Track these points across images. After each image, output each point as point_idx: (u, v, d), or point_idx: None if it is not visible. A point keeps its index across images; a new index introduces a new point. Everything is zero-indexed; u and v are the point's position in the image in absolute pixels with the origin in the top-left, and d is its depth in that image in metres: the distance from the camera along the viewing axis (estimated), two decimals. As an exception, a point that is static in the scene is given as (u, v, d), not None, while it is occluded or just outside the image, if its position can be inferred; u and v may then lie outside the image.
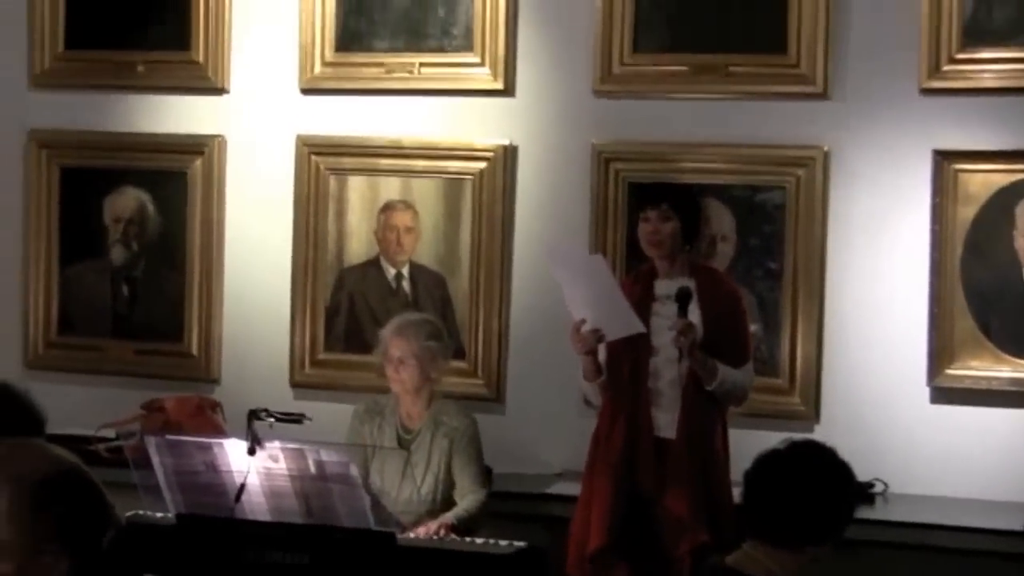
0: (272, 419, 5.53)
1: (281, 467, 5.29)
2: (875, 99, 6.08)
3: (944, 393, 6.02)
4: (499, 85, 6.48)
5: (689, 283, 5.45)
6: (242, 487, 5.28)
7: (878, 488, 5.98)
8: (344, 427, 5.93)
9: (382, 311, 6.53)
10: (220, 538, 5.33)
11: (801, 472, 3.80)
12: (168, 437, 5.51)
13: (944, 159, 5.98)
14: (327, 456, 5.25)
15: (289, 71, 6.77)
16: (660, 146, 6.30)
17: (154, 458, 5.38)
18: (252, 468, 5.29)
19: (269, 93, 6.82)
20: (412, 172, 6.61)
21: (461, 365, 6.47)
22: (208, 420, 6.44)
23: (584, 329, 5.46)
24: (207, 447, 5.38)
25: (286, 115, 6.78)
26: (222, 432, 6.18)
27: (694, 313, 5.40)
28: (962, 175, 5.98)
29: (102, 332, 7.01)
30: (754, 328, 5.86)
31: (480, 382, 6.51)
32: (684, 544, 5.31)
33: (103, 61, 6.99)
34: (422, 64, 6.59)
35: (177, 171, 6.91)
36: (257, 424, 5.44)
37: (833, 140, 6.12)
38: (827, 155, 6.12)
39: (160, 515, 5.46)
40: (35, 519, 3.03)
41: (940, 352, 6.00)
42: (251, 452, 5.29)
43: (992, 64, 5.94)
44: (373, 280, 6.67)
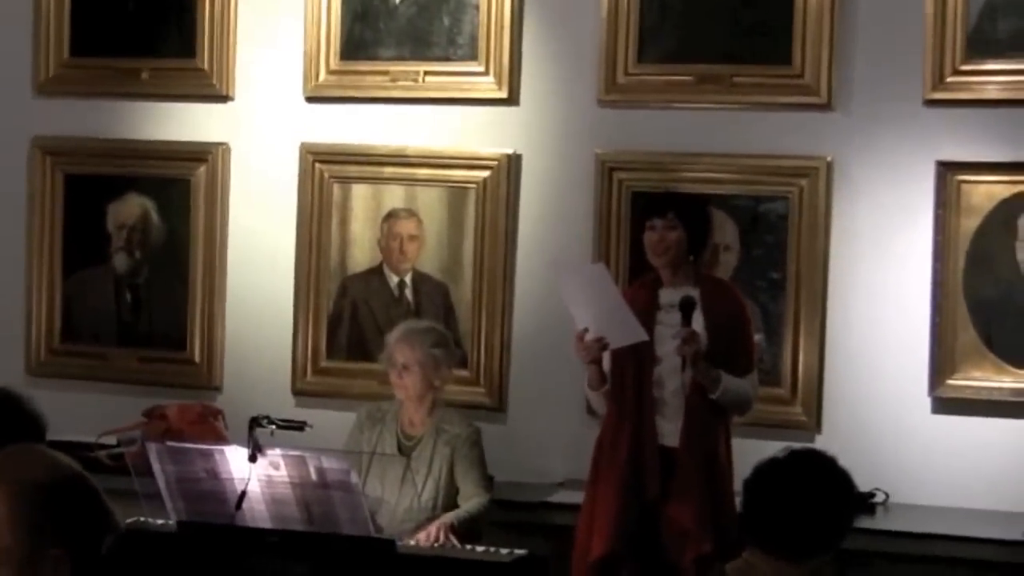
0: (273, 426, 5.54)
1: (282, 474, 5.29)
2: (879, 110, 6.08)
3: (946, 403, 6.02)
4: (503, 94, 6.48)
5: (694, 292, 5.45)
6: (243, 494, 5.28)
7: (879, 498, 5.97)
8: (346, 435, 5.93)
9: (385, 319, 6.53)
10: (221, 545, 5.34)
11: (801, 481, 3.79)
12: (169, 444, 5.51)
13: (947, 170, 5.98)
14: (328, 463, 5.26)
15: (294, 79, 6.77)
16: (664, 156, 6.30)
17: (155, 465, 5.38)
18: (253, 475, 5.30)
19: (274, 101, 6.82)
20: (416, 180, 6.61)
21: (463, 374, 6.46)
22: (210, 427, 6.44)
23: (588, 338, 5.46)
24: (208, 454, 5.39)
25: (290, 123, 6.78)
26: (224, 439, 6.19)
27: (698, 322, 5.40)
28: (965, 186, 5.98)
29: (105, 339, 7.01)
30: (757, 338, 5.86)
31: (482, 391, 6.51)
32: (688, 553, 5.30)
33: (108, 68, 7.00)
34: (426, 73, 6.59)
35: (181, 178, 6.91)
36: (258, 431, 5.45)
37: (837, 151, 6.12)
38: (830, 166, 6.12)
39: (161, 522, 5.47)
40: (36, 525, 3.02)
41: (942, 362, 6.00)
42: (252, 459, 5.30)
43: (996, 76, 5.94)
44: (376, 288, 6.68)
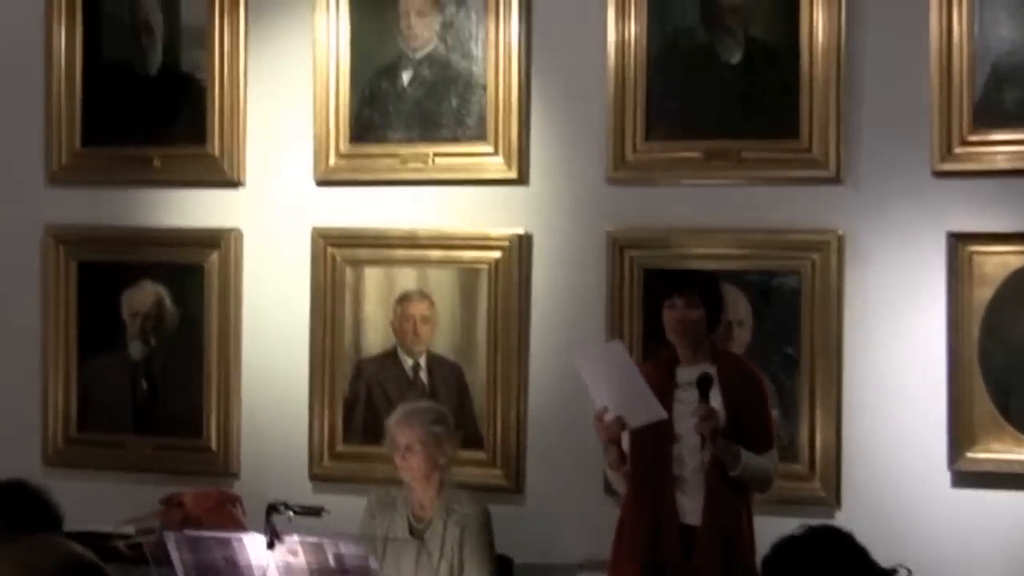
0: (291, 512, 5.53)
1: (300, 561, 5.27)
2: (888, 182, 6.08)
3: (965, 477, 5.98)
4: (513, 174, 6.50)
5: (710, 369, 5.46)
6: (262, 582, 5.27)
7: (902, 574, 5.92)
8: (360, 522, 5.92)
9: (400, 401, 6.50)
10: (240, 634, 5.31)
11: (819, 558, 3.77)
12: (187, 532, 5.50)
13: (959, 241, 5.97)
14: (346, 548, 5.24)
15: (304, 163, 6.80)
16: (674, 232, 6.31)
17: (173, 554, 5.37)
18: (272, 563, 5.27)
19: (285, 186, 6.85)
20: (428, 262, 6.63)
21: (479, 455, 6.47)
22: (227, 514, 6.42)
23: (607, 417, 5.47)
24: (226, 542, 5.37)
25: (302, 207, 6.81)
26: (241, 526, 6.16)
27: (716, 399, 5.41)
28: (977, 257, 5.97)
29: (121, 428, 7.02)
30: (774, 413, 5.85)
31: (499, 472, 6.49)
32: (710, 630, 5.29)
33: (119, 156, 7.04)
34: (436, 154, 6.62)
35: (194, 265, 6.93)
36: (276, 518, 5.43)
37: (847, 224, 6.12)
38: (841, 239, 6.12)
39: (180, 611, 5.44)
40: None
41: (960, 435, 5.96)
42: (270, 546, 5.28)
43: (1004, 146, 5.93)
44: (391, 370, 6.67)
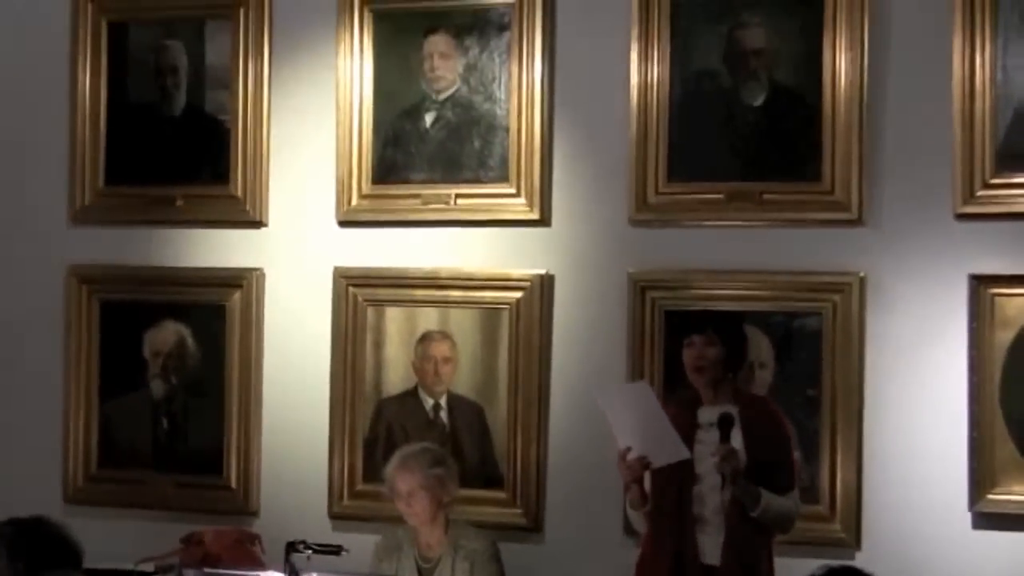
0: (310, 551, 5.54)
1: (319, 599, 5.29)
2: (910, 225, 6.09)
3: (986, 519, 5.97)
4: (535, 215, 6.53)
5: (732, 410, 5.47)
6: (281, 620, 5.27)
7: (922, 615, 5.92)
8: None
9: (420, 442, 6.51)
10: (260, 671, 5.32)
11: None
12: (207, 571, 5.52)
13: (980, 284, 5.98)
14: (365, 587, 5.26)
15: (327, 204, 6.83)
16: (696, 274, 6.32)
17: (193, 592, 5.38)
18: (291, 600, 5.29)
19: (307, 226, 6.88)
20: (449, 302, 6.64)
21: (500, 495, 6.48)
22: (247, 553, 6.41)
23: (630, 457, 5.49)
24: (246, 580, 5.39)
25: (324, 247, 6.83)
26: (261, 565, 6.17)
27: (737, 439, 5.43)
28: (999, 299, 5.97)
29: (142, 465, 7.03)
30: (795, 455, 5.84)
31: (519, 511, 6.48)
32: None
33: (142, 196, 7.08)
34: (458, 195, 6.64)
35: (216, 304, 6.95)
36: (295, 556, 5.44)
37: (869, 266, 6.13)
38: (863, 281, 6.12)
39: (200, 648, 5.45)
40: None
41: (981, 477, 5.96)
42: (290, 584, 5.29)
43: (1025, 189, 5.98)
44: (411, 410, 6.68)
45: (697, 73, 6.35)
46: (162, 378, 7.04)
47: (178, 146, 7.06)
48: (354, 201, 6.79)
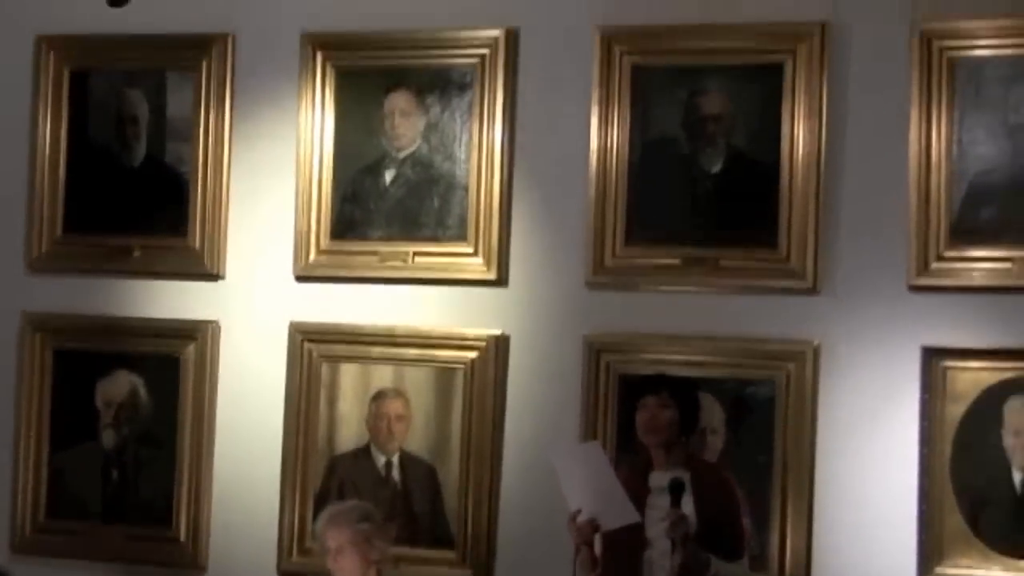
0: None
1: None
2: (864, 295, 6.11)
3: (935, 591, 6.00)
4: (492, 275, 6.53)
5: (684, 475, 5.48)
6: None
7: None
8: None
9: (372, 499, 6.49)
10: None
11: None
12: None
13: (933, 356, 6.00)
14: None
15: (284, 258, 6.82)
16: (651, 338, 6.33)
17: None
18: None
19: (264, 280, 6.87)
20: (404, 360, 6.63)
21: (450, 555, 6.46)
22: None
23: (580, 519, 5.49)
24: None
25: (280, 302, 6.82)
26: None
27: (688, 505, 5.44)
28: (951, 372, 5.99)
29: (91, 516, 6.99)
30: (745, 522, 5.84)
31: (469, 572, 6.47)
32: None
33: (100, 246, 7.05)
34: (416, 253, 6.65)
35: (171, 356, 6.93)
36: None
37: (823, 335, 6.15)
38: (817, 350, 6.14)
39: None
40: None
41: (930, 549, 5.96)
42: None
43: (980, 262, 5.98)
44: (363, 468, 6.66)
45: (656, 138, 6.38)
46: (114, 428, 7.00)
47: (137, 196, 7.05)
48: (312, 256, 6.79)
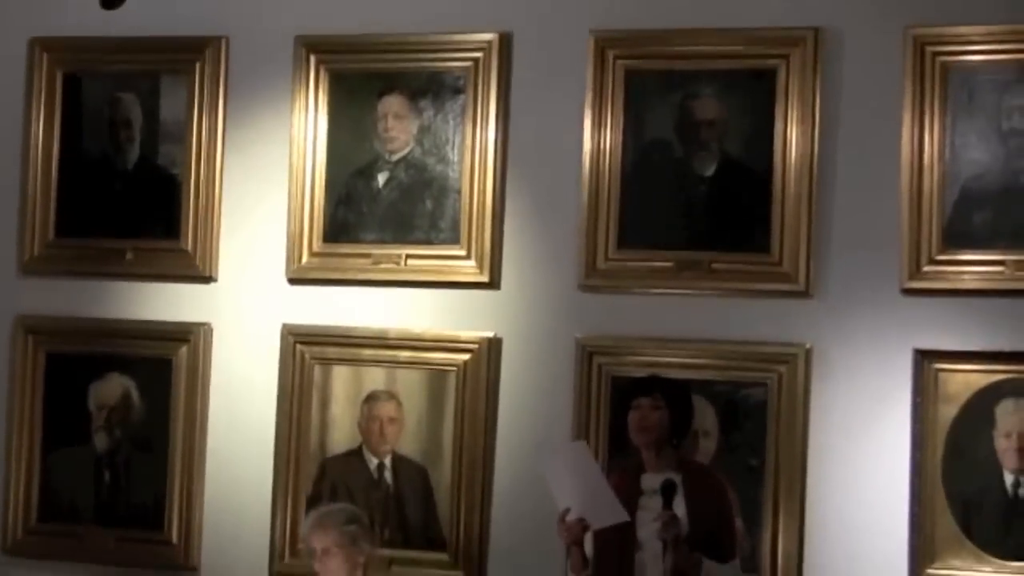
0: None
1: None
2: (857, 298, 6.13)
3: (927, 595, 6.02)
4: (485, 278, 6.54)
5: (676, 477, 5.50)
6: None
7: None
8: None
9: (364, 502, 6.51)
10: None
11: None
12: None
13: (925, 359, 6.03)
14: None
15: (277, 260, 6.83)
16: (644, 341, 6.34)
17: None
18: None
19: (257, 282, 6.87)
20: (396, 363, 6.64)
21: (442, 557, 6.47)
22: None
23: (569, 519, 5.50)
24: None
25: (273, 304, 6.82)
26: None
27: (680, 507, 5.45)
28: (943, 375, 6.02)
29: (83, 519, 6.97)
30: (737, 524, 5.85)
31: (461, 574, 6.47)
32: None
33: (92, 248, 7.04)
34: (409, 256, 6.65)
35: (163, 358, 6.92)
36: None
37: (815, 338, 6.17)
38: (809, 353, 6.16)
39: None
40: None
41: (922, 551, 5.98)
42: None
43: (972, 266, 6.01)
44: (356, 470, 6.66)
45: (649, 142, 6.40)
46: (106, 431, 7.00)
47: (130, 199, 7.05)
48: (304, 259, 6.79)
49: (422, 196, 6.67)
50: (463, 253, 6.58)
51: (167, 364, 6.92)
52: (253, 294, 6.87)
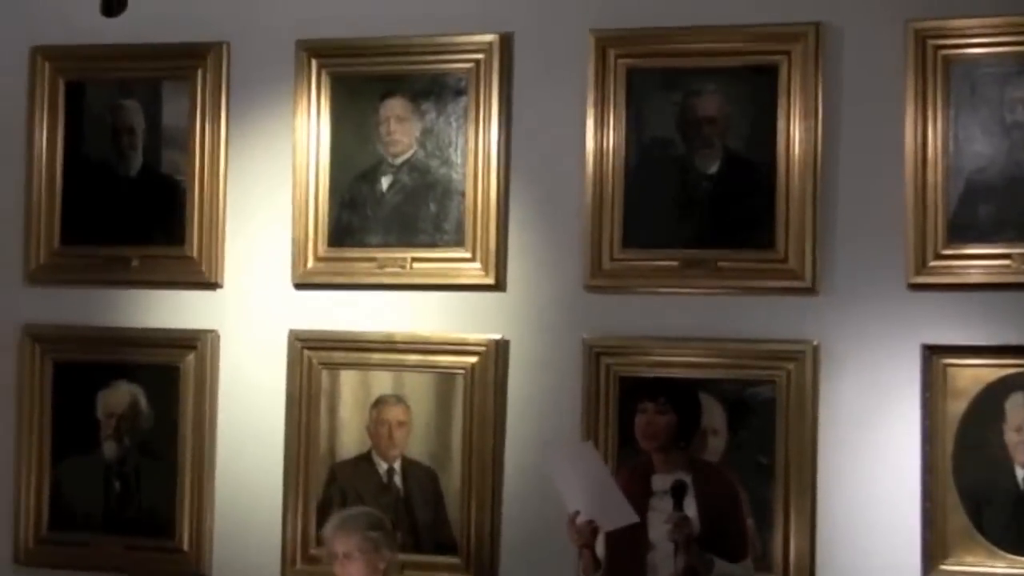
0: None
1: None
2: (863, 294, 6.12)
3: (939, 590, 6.00)
4: (490, 280, 6.53)
5: (686, 477, 5.50)
6: None
7: None
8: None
9: (374, 506, 6.49)
10: None
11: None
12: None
13: (933, 354, 6.01)
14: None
15: (282, 266, 6.82)
16: (650, 340, 6.32)
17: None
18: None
19: (263, 288, 6.86)
20: (404, 366, 6.63)
21: (453, 560, 6.47)
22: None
23: (579, 520, 5.50)
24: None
25: (279, 310, 6.82)
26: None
27: (690, 507, 5.46)
28: (951, 370, 6.00)
29: (93, 527, 6.98)
30: (748, 523, 5.85)
31: (474, 577, 6.49)
32: None
33: (98, 256, 7.04)
34: (414, 259, 6.64)
35: (170, 365, 6.92)
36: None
37: (822, 335, 6.15)
38: (816, 349, 6.14)
39: None
40: None
41: (934, 547, 5.97)
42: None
43: (977, 260, 5.99)
44: (365, 475, 6.66)
45: (652, 140, 6.38)
46: (115, 439, 7.00)
47: (134, 206, 7.04)
48: (310, 264, 6.79)
49: (426, 199, 6.65)
50: (468, 255, 6.57)
51: (175, 371, 6.92)
52: (259, 300, 6.87)
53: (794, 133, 6.18)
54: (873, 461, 6.08)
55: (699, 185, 6.33)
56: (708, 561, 5.42)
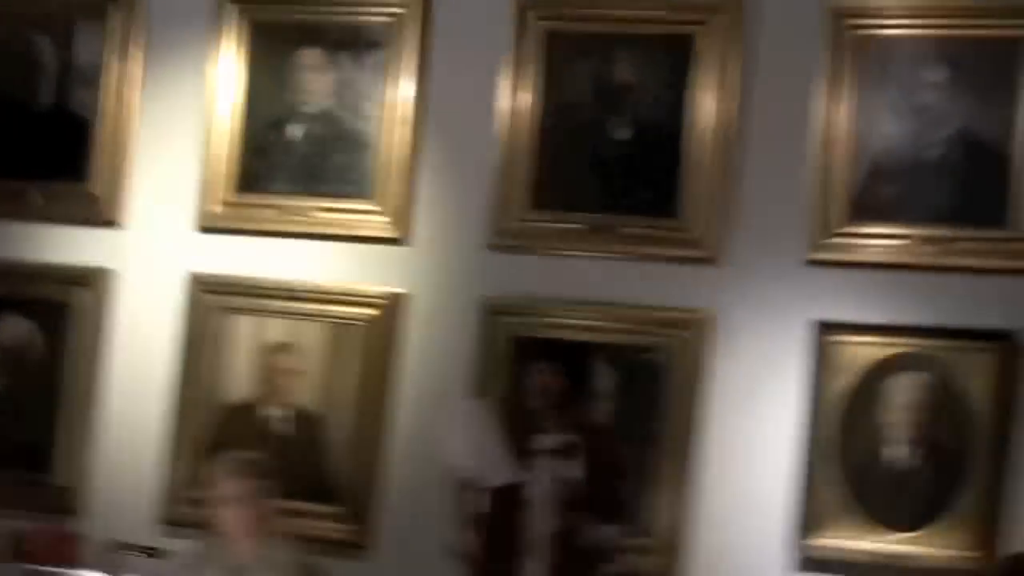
0: (135, 554, 5.47)
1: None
2: (762, 267, 6.15)
3: (811, 562, 6.00)
4: (396, 234, 6.52)
5: (572, 438, 5.51)
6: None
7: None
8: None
9: (260, 452, 6.41)
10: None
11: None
12: (24, 567, 5.42)
13: (823, 330, 6.04)
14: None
15: (188, 209, 6.77)
16: (549, 302, 6.33)
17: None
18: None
19: (166, 229, 6.82)
20: (301, 315, 6.60)
21: (337, 510, 6.43)
22: (69, 551, 6.31)
23: (464, 476, 5.50)
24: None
25: (181, 252, 6.78)
26: (83, 564, 6.07)
27: (573, 468, 5.44)
28: (839, 347, 6.03)
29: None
30: (628, 487, 5.86)
31: (354, 528, 6.44)
32: None
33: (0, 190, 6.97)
34: (319, 208, 6.61)
35: (64, 302, 6.86)
36: (120, 558, 5.36)
37: (719, 305, 6.18)
38: (712, 319, 6.17)
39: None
40: None
41: (808, 520, 6.00)
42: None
43: (877, 239, 6.03)
44: (253, 421, 6.62)
45: (566, 104, 6.41)
46: (3, 372, 6.91)
47: (40, 141, 6.99)
48: (215, 208, 6.74)
49: (336, 149, 6.64)
50: (375, 208, 6.55)
51: (68, 308, 6.85)
52: (161, 241, 6.83)
53: (706, 104, 6.21)
54: (756, 432, 6.11)
55: (609, 151, 6.35)
56: (586, 522, 5.44)
